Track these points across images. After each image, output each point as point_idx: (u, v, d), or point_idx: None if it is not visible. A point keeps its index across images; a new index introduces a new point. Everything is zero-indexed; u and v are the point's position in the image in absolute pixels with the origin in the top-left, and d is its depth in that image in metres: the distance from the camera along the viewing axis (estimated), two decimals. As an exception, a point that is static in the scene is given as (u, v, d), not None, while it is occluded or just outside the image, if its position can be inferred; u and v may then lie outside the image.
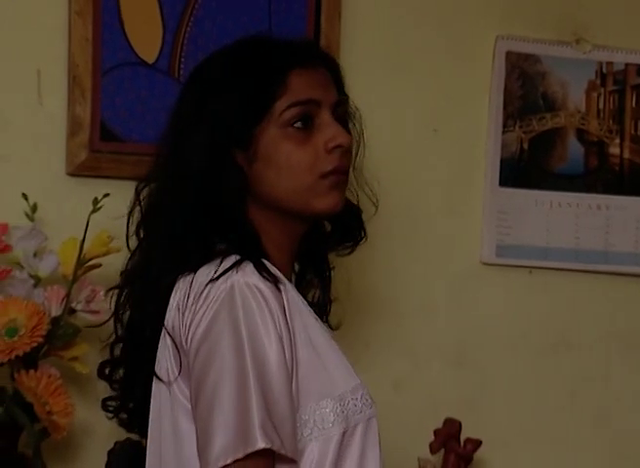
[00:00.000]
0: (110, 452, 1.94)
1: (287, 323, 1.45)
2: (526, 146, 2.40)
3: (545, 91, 2.41)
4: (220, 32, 2.18)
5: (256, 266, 1.46)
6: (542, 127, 2.41)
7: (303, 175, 1.54)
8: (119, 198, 1.75)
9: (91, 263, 1.95)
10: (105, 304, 1.77)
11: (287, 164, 1.54)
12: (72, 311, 1.94)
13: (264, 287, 1.44)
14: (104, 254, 1.93)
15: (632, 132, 2.44)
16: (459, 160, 2.38)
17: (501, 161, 2.38)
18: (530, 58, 2.40)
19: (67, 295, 1.93)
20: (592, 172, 2.42)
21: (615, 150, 2.43)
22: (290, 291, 1.50)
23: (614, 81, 2.45)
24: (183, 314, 1.47)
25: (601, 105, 2.44)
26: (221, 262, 1.47)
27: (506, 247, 2.37)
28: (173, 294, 1.51)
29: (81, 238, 1.93)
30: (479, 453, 2.17)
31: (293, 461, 1.42)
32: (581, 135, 2.43)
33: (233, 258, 1.47)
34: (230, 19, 2.20)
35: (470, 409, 2.30)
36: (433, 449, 2.17)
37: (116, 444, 1.93)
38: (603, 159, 2.43)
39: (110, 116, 2.12)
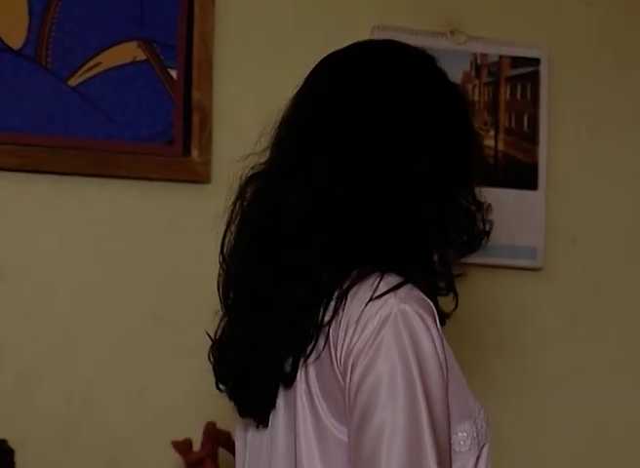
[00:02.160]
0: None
1: (441, 341, 1.37)
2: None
3: (421, 82, 2.41)
4: (89, 17, 2.12)
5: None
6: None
7: None
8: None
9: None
10: None
11: None
12: None
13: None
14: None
15: (506, 124, 2.45)
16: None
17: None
18: (405, 48, 2.39)
19: None
20: (467, 164, 2.42)
21: (489, 142, 2.44)
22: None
23: (488, 73, 2.45)
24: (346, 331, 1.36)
25: (476, 97, 2.44)
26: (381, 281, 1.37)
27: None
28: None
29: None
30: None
31: None
32: (457, 126, 2.42)
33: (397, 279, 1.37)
34: (101, 3, 2.14)
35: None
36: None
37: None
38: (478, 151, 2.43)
39: (-26, 104, 2.05)
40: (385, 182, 1.38)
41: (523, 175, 2.47)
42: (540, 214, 2.47)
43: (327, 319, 1.36)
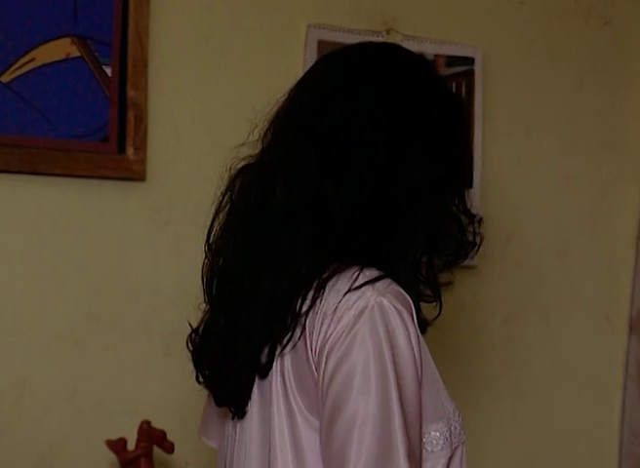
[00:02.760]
0: None
1: (417, 338, 1.37)
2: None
3: (359, 80, 2.41)
4: (22, 13, 2.09)
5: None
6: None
7: None
8: None
9: None
10: None
11: None
12: None
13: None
14: None
15: (442, 123, 2.46)
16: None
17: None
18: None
19: None
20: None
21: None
22: None
23: (424, 72, 2.46)
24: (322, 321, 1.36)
25: (412, 96, 2.45)
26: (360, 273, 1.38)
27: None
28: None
29: None
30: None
31: None
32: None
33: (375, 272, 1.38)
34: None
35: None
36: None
37: None
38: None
39: None
40: (375, 184, 1.39)
41: (458, 173, 2.48)
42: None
43: (304, 309, 1.37)
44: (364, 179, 1.39)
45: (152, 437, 2.04)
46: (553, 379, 2.64)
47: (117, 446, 2.02)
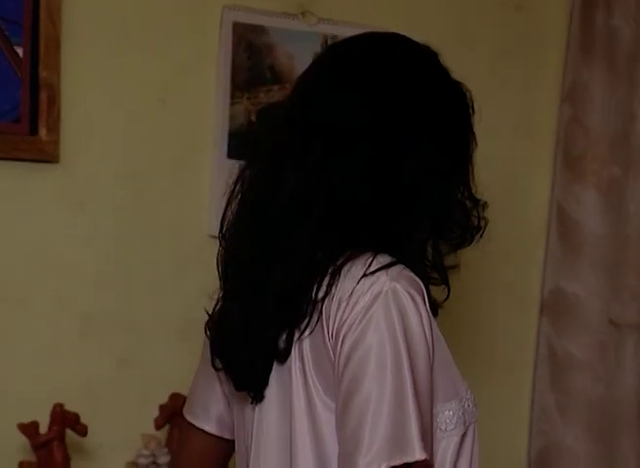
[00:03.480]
0: None
1: (429, 321, 1.42)
2: (254, 118, 2.39)
3: (273, 63, 2.41)
4: None
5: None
6: (270, 99, 2.41)
7: None
8: None
9: None
10: None
11: None
12: None
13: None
14: None
15: (357, 106, 2.48)
16: (187, 131, 2.34)
17: (230, 133, 2.36)
18: (257, 29, 2.39)
19: None
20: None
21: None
22: None
23: (339, 55, 2.47)
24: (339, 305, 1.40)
25: (327, 78, 2.46)
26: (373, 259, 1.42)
27: (235, 219, 2.36)
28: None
29: None
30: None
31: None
32: (308, 108, 2.44)
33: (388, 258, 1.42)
34: None
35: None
36: (158, 425, 2.15)
37: None
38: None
39: None
40: (380, 173, 1.43)
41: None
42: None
43: (320, 295, 1.41)
44: (369, 169, 1.43)
45: (65, 420, 2.03)
46: (468, 360, 2.67)
47: (29, 429, 2.01)
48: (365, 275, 1.39)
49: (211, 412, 1.68)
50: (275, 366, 1.47)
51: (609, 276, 2.55)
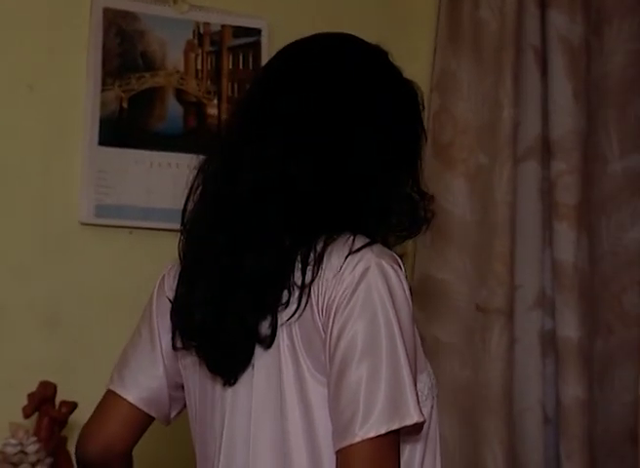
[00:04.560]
0: None
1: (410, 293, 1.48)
2: (125, 105, 2.38)
3: (145, 49, 2.41)
4: None
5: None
6: (142, 86, 2.40)
7: None
8: None
9: None
10: None
11: None
12: None
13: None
14: None
15: (229, 93, 2.49)
16: (56, 118, 2.32)
17: (101, 120, 2.35)
18: (128, 15, 2.38)
19: None
20: (191, 132, 2.45)
21: (213, 111, 2.47)
22: None
23: (211, 42, 2.48)
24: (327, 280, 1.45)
25: (199, 66, 2.46)
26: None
27: (106, 207, 2.35)
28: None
29: None
30: (74, 416, 2.14)
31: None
32: (180, 95, 2.45)
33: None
34: None
35: (66, 371, 2.25)
36: (26, 413, 2.12)
37: None
38: (202, 119, 2.46)
39: None
40: (331, 165, 1.49)
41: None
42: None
43: (308, 280, 1.45)
44: (321, 161, 1.49)
45: None
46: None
47: None
48: (351, 253, 1.45)
49: (143, 387, 1.66)
50: (259, 350, 1.49)
51: (476, 262, 2.60)
